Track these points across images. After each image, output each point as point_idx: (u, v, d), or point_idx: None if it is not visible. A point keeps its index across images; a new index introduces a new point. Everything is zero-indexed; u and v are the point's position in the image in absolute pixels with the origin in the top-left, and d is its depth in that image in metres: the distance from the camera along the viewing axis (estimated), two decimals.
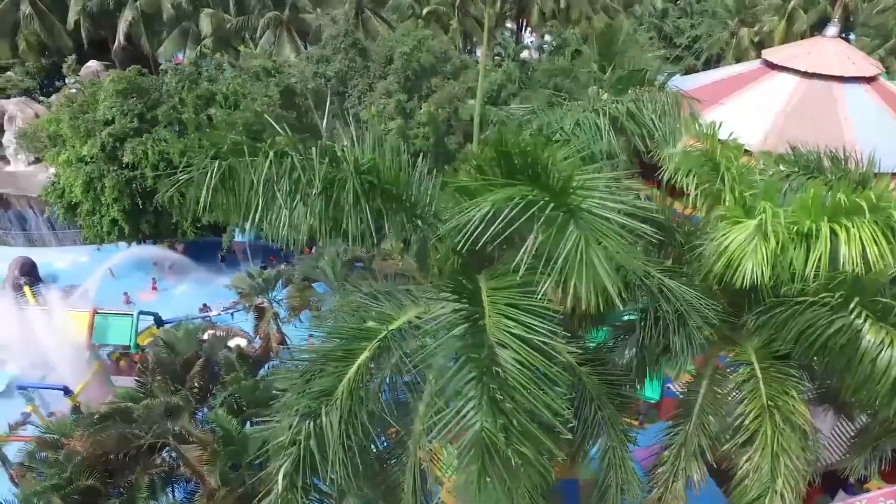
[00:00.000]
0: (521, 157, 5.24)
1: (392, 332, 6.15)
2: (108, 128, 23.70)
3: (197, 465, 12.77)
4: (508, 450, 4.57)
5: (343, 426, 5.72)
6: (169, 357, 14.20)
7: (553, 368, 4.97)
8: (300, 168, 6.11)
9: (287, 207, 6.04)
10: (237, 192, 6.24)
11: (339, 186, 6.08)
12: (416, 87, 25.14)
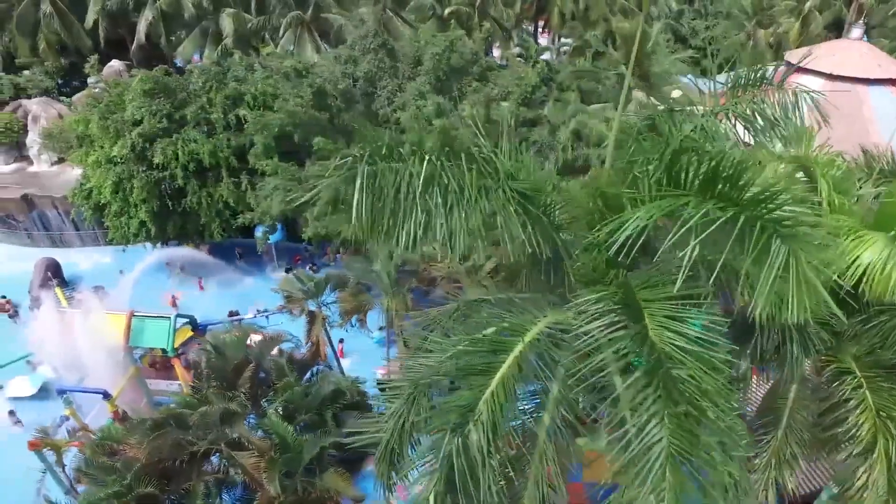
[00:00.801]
0: (703, 165, 5.02)
1: (531, 343, 5.95)
2: (137, 128, 23.47)
3: (255, 472, 12.57)
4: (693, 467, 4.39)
5: (487, 442, 5.52)
6: (219, 362, 13.99)
7: (721, 382, 4.79)
8: (449, 175, 5.88)
9: (441, 217, 5.77)
10: (383, 201, 5.97)
11: (486, 195, 5.85)
12: (446, 87, 24.95)
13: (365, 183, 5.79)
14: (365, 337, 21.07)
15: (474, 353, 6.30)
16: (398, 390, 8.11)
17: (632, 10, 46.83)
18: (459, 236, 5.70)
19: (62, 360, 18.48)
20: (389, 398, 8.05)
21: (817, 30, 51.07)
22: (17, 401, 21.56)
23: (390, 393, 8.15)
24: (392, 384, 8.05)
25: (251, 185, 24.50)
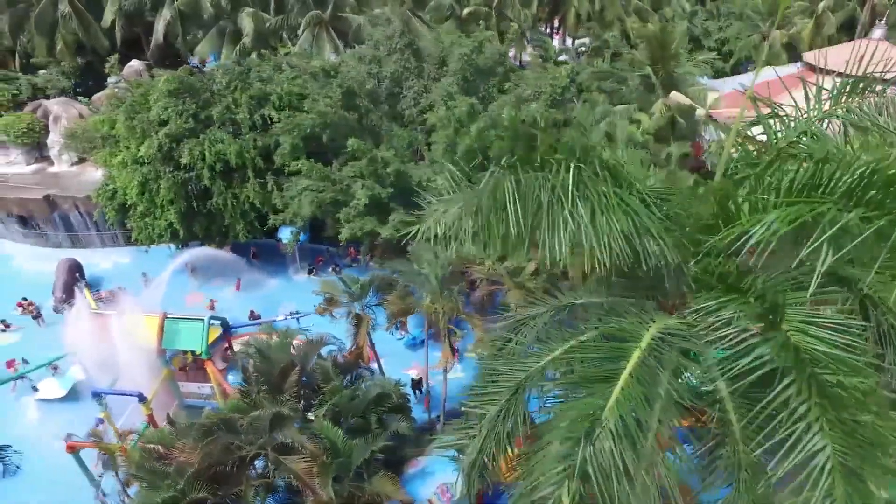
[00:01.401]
0: (850, 172, 4.91)
1: (649, 348, 5.85)
2: (163, 128, 23.33)
3: (306, 477, 12.45)
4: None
5: (617, 449, 5.41)
6: (265, 365, 13.86)
7: (871, 385, 4.68)
8: (585, 182, 5.77)
9: (586, 224, 5.64)
10: (524, 208, 5.83)
11: (618, 203, 5.73)
12: (472, 88, 24.82)
13: (515, 193, 5.68)
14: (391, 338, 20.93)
15: (591, 359, 6.18)
16: (489, 396, 8.00)
17: (646, 10, 46.76)
18: (605, 243, 5.58)
19: (96, 362, 18.33)
20: (482, 404, 7.94)
21: (830, 30, 50.99)
22: (47, 402, 21.48)
23: (481, 399, 8.03)
24: (485, 390, 7.92)
25: (277, 186, 24.39)
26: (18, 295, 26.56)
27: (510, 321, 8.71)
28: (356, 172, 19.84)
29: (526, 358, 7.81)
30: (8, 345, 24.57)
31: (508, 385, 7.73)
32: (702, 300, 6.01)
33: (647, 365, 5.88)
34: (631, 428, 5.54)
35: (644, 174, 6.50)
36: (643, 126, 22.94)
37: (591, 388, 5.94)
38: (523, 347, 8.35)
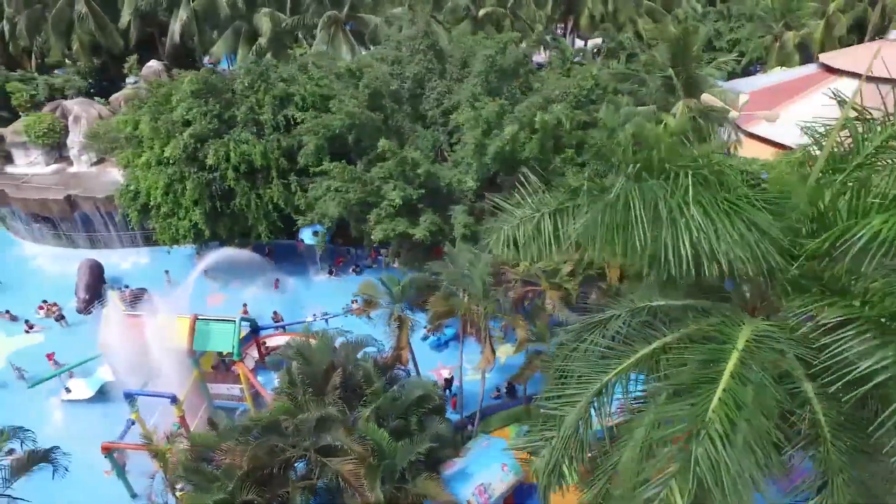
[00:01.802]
0: None
1: (747, 349, 5.85)
2: (188, 129, 23.30)
3: (352, 479, 12.43)
4: None
5: (728, 450, 5.42)
6: (307, 367, 13.84)
7: None
8: (700, 188, 5.77)
9: (702, 230, 5.63)
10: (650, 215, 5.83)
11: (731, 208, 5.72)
12: (495, 90, 24.78)
13: (642, 201, 5.67)
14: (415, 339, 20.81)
15: (683, 361, 6.18)
16: (566, 398, 8.01)
17: (659, 11, 46.81)
18: (723, 248, 5.58)
19: (128, 363, 18.29)
20: (560, 406, 7.94)
21: (841, 31, 51.04)
22: (74, 403, 21.44)
23: (558, 402, 8.04)
24: (563, 392, 7.92)
25: (300, 187, 24.39)
26: (42, 295, 26.55)
27: (582, 324, 8.70)
28: (385, 173, 19.84)
29: (607, 360, 7.82)
30: (31, 346, 24.58)
31: (589, 387, 7.73)
32: (797, 304, 6.03)
33: (746, 366, 5.89)
34: (740, 429, 5.55)
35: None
36: (669, 128, 22.91)
37: (693, 389, 5.94)
38: (596, 349, 8.35)
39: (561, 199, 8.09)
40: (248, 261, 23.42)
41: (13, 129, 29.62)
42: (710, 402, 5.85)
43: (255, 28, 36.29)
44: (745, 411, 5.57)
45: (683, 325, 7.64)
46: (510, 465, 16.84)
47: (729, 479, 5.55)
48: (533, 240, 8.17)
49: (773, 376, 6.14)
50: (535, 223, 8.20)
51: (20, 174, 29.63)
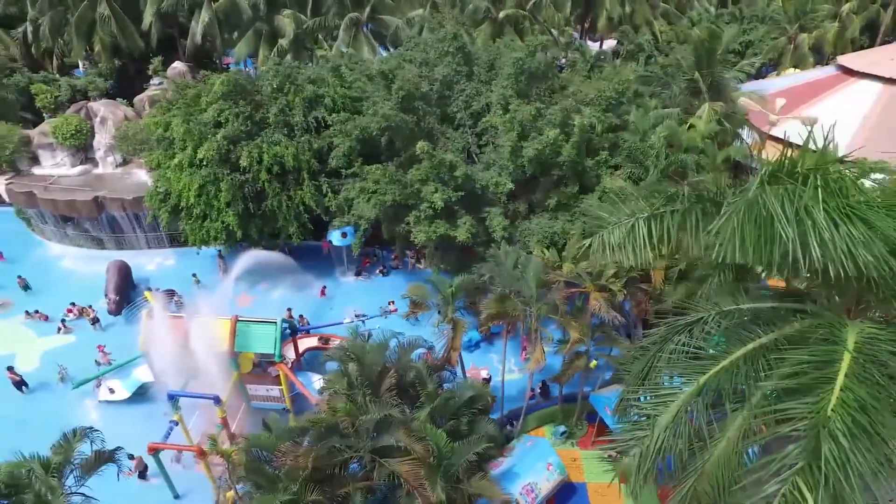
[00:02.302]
0: None
1: (860, 351, 5.99)
2: (221, 130, 23.40)
3: (412, 479, 12.54)
4: None
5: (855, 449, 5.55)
6: (360, 369, 13.95)
7: None
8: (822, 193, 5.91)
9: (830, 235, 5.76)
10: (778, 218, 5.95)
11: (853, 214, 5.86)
12: (523, 92, 24.90)
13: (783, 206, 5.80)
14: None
15: (789, 362, 6.31)
16: (661, 398, 8.13)
17: (674, 13, 46.99)
18: (857, 250, 5.71)
19: (170, 364, 18.38)
20: (653, 406, 8.07)
21: (854, 33, 51.19)
22: (111, 404, 21.53)
23: (653, 401, 8.16)
24: (657, 392, 8.05)
25: (331, 189, 24.50)
26: (71, 296, 26.60)
27: (668, 326, 8.82)
28: (423, 175, 19.94)
29: (700, 360, 7.94)
30: (63, 346, 24.67)
31: (685, 386, 7.85)
32: None
33: (859, 365, 6.03)
34: (863, 426, 5.68)
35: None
36: (700, 130, 23.04)
37: (810, 389, 6.07)
38: (685, 351, 8.48)
39: (657, 205, 8.24)
40: (280, 263, 23.48)
41: (40, 130, 29.71)
42: (830, 401, 5.98)
43: (276, 29, 36.42)
44: (867, 409, 5.70)
45: (777, 326, 7.77)
46: (555, 465, 16.99)
47: (855, 475, 5.68)
48: (628, 243, 8.31)
49: (886, 376, 6.27)
50: (629, 227, 8.34)
51: (47, 175, 29.70)
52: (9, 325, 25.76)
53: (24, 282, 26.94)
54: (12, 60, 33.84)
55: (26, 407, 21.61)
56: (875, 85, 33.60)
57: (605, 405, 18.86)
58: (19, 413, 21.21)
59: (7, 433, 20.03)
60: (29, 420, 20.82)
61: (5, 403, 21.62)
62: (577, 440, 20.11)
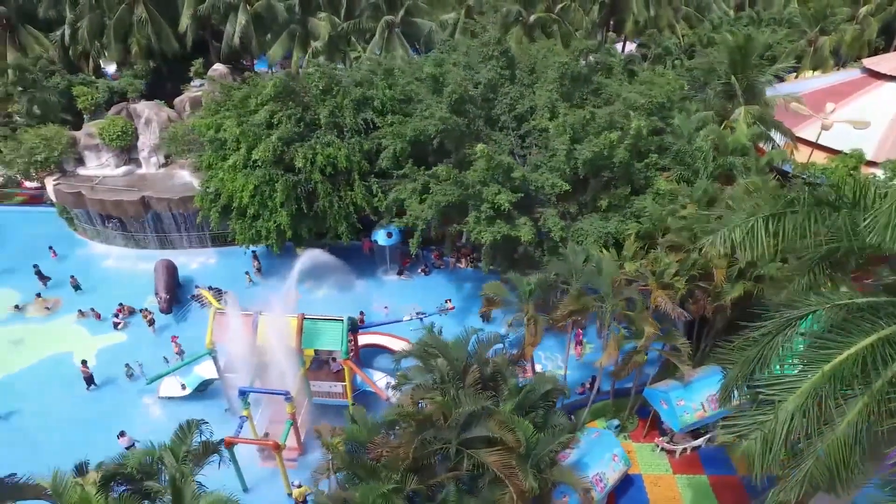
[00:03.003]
0: None
1: None
2: (275, 131, 23.90)
3: (502, 469, 13.05)
4: None
5: None
6: (445, 364, 14.46)
7: None
8: None
9: None
10: None
11: None
12: (567, 95, 25.44)
13: None
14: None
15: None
16: (785, 384, 8.68)
17: (696, 16, 47.58)
18: None
19: (240, 360, 18.89)
20: (779, 391, 8.60)
21: (871, 35, 51.73)
22: (171, 401, 22.01)
23: (777, 389, 8.70)
24: (783, 382, 8.58)
25: (381, 189, 25.04)
26: (119, 295, 27.09)
27: (779, 318, 9.36)
28: (481, 177, 20.47)
29: (824, 350, 8.50)
30: (117, 344, 25.18)
31: (813, 373, 8.40)
32: None
33: None
34: None
35: None
36: (743, 133, 23.60)
37: None
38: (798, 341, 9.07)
39: (777, 206, 8.80)
40: (332, 263, 23.96)
41: (86, 131, 30.20)
42: None
43: (309, 32, 36.94)
44: None
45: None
46: (620, 456, 17.55)
47: None
48: (747, 240, 8.87)
49: None
50: (748, 226, 8.90)
51: (92, 176, 30.18)
52: (62, 324, 26.28)
53: (75, 281, 27.41)
54: (51, 63, 34.27)
55: (90, 404, 22.10)
56: None
57: (660, 399, 19.44)
58: (85, 410, 21.70)
59: (76, 429, 20.62)
60: (93, 416, 21.34)
61: (70, 401, 22.11)
62: (629, 433, 20.69)
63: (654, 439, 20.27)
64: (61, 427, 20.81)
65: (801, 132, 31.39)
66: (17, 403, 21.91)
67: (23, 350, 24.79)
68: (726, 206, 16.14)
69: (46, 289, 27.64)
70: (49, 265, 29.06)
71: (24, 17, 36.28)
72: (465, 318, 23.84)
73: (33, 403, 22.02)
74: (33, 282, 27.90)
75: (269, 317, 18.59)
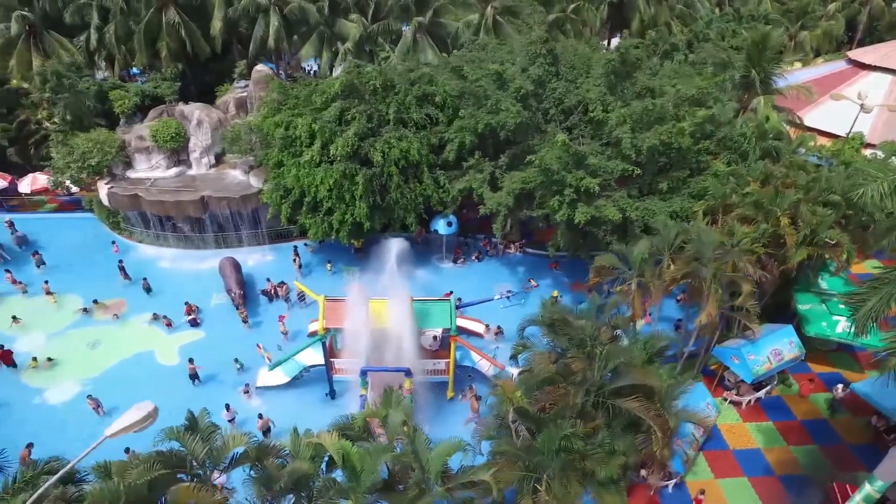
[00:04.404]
0: None
1: None
2: (350, 127, 25.01)
3: (645, 413, 14.96)
4: None
5: None
6: (580, 328, 16.27)
7: None
8: None
9: None
10: None
11: None
12: (611, 89, 27.57)
13: None
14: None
15: None
16: None
17: (689, 14, 50.87)
18: None
19: (357, 343, 19.98)
20: None
21: (839, 30, 56.37)
22: (268, 390, 22.82)
23: None
24: None
25: (448, 179, 26.55)
26: (185, 296, 27.49)
27: None
28: (559, 164, 22.27)
29: None
30: (196, 341, 25.70)
31: None
32: None
33: None
34: None
35: None
36: (776, 119, 26.34)
37: None
38: None
39: None
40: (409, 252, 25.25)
41: (136, 134, 30.29)
42: None
43: (338, 33, 37.88)
44: None
45: None
46: (712, 405, 19.81)
47: None
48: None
49: None
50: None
51: (144, 178, 30.34)
52: (135, 325, 26.57)
53: (146, 283, 27.72)
54: (77, 68, 33.94)
55: (194, 397, 22.52)
56: (886, 77, 38.29)
57: (730, 355, 21.83)
58: (190, 403, 22.05)
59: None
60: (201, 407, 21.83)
61: (176, 394, 22.41)
62: None
63: (723, 394, 22.67)
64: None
65: (806, 118, 34.96)
66: (121, 399, 22.28)
67: (104, 351, 25.08)
68: None
69: (130, 283, 28.33)
70: (101, 267, 29.30)
71: (48, 23, 35.70)
72: (538, 295, 25.83)
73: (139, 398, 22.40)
74: (91, 287, 28.03)
75: (384, 301, 19.83)
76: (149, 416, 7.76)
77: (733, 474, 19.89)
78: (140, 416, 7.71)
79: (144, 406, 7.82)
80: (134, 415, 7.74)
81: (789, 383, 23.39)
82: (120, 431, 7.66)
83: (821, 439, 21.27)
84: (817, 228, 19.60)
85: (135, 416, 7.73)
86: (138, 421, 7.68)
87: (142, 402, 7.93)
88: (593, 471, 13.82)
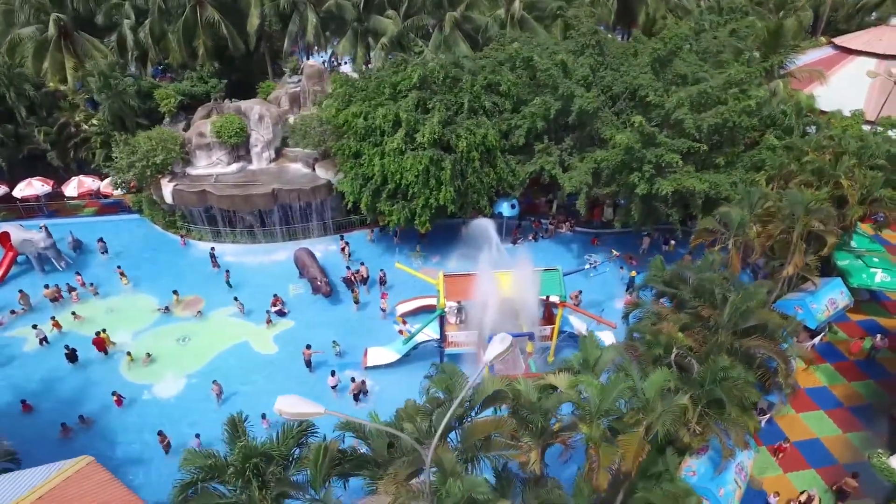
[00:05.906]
0: None
1: None
2: (434, 115, 26.24)
3: (771, 349, 17.20)
4: None
5: None
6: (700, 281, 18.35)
7: None
8: None
9: None
10: None
11: None
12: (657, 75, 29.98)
13: None
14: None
15: None
16: None
17: (682, 8, 54.41)
18: None
19: (483, 314, 21.37)
20: None
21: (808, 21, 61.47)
22: (376, 370, 23.76)
23: None
24: None
25: (517, 163, 28.26)
26: (261, 289, 27.92)
27: None
28: (635, 143, 24.38)
29: None
30: (288, 329, 26.30)
31: None
32: None
33: None
34: None
35: None
36: (806, 98, 29.46)
37: None
38: None
39: None
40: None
41: (196, 131, 30.33)
42: None
43: (372, 29, 38.79)
44: None
45: None
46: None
47: None
48: None
49: None
50: None
51: (205, 175, 30.44)
52: (220, 318, 26.90)
53: (228, 276, 28.07)
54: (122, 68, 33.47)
55: (309, 378, 23.54)
56: (870, 60, 42.71)
57: (794, 306, 24.61)
58: (310, 388, 22.75)
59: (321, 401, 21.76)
60: (318, 392, 22.59)
61: (291, 378, 23.33)
62: None
63: None
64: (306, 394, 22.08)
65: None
66: (234, 386, 22.82)
67: (198, 345, 25.35)
68: None
69: (219, 270, 28.85)
70: (166, 266, 29.64)
71: (78, 24, 34.89)
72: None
73: (251, 385, 23.01)
74: (161, 286, 28.26)
75: (508, 272, 21.38)
76: (511, 345, 9.12)
77: (810, 409, 22.66)
78: (504, 346, 9.06)
79: (504, 338, 9.14)
80: (498, 347, 9.07)
81: (835, 331, 26.47)
82: (493, 359, 9.00)
83: (874, 375, 24.36)
84: (871, 188, 22.55)
85: (499, 347, 9.07)
86: (504, 350, 9.03)
87: (500, 334, 9.23)
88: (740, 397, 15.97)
